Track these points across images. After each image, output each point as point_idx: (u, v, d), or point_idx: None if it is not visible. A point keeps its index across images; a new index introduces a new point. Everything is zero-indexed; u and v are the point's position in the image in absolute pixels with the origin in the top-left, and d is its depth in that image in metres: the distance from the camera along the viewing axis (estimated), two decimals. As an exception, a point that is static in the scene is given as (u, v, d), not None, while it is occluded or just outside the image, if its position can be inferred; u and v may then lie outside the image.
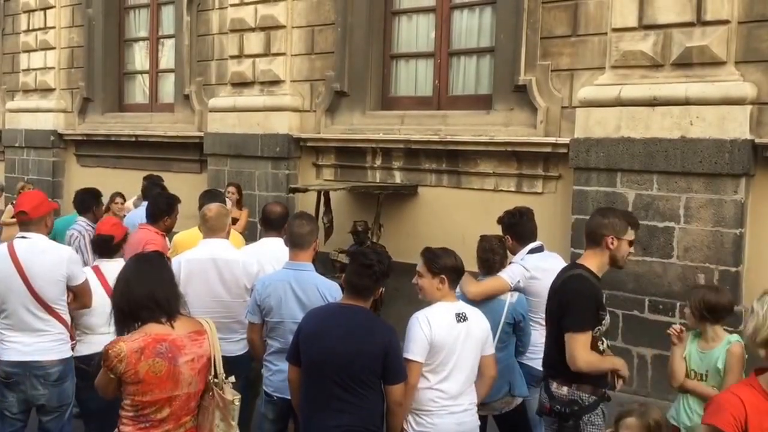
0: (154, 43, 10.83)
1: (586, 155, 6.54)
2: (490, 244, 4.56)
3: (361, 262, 3.61)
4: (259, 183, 8.93)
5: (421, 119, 7.86)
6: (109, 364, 3.04)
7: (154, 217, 5.84)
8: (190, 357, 3.15)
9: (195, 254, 4.68)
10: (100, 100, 11.25)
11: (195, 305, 4.53)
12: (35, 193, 5.13)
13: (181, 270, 4.55)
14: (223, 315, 4.56)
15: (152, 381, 3.06)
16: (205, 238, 4.73)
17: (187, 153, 9.98)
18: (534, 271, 4.55)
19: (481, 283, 4.47)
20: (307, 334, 3.63)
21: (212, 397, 3.25)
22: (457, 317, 3.75)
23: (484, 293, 4.36)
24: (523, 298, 4.48)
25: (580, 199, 6.62)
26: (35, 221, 4.52)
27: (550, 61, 6.98)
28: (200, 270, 4.59)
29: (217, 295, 4.59)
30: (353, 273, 3.61)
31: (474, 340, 3.76)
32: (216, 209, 4.79)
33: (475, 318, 3.82)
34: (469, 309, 3.86)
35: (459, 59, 7.96)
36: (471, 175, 7.50)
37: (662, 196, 6.23)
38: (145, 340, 3.08)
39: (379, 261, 3.62)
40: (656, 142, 6.18)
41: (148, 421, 3.11)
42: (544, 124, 7.00)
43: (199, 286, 4.58)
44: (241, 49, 9.11)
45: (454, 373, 3.71)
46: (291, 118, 8.71)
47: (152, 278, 3.23)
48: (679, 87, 6.10)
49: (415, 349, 3.61)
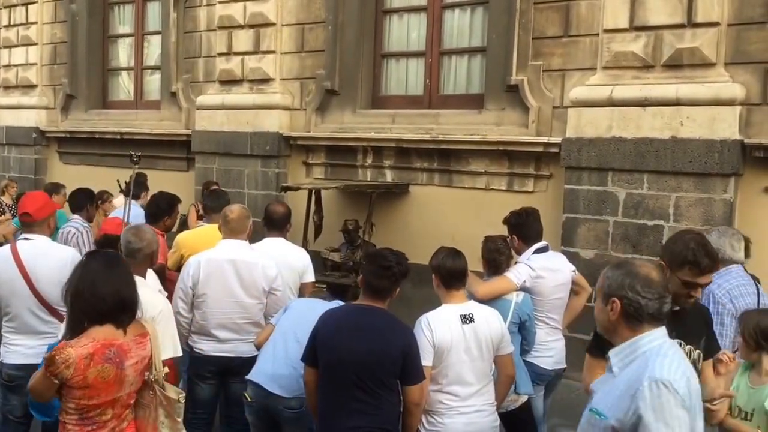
0: (139, 39, 10.73)
1: (577, 154, 6.61)
2: (495, 244, 4.60)
3: (380, 264, 3.62)
4: (249, 181, 8.90)
5: (413, 118, 7.88)
6: (54, 370, 2.96)
7: (155, 216, 5.82)
8: (135, 360, 3.13)
9: (215, 254, 4.68)
10: (84, 97, 11.12)
11: (212, 306, 4.61)
12: (38, 194, 5.10)
13: (200, 270, 4.59)
14: (240, 316, 4.61)
15: (100, 386, 3.03)
16: (225, 239, 4.73)
17: (174, 151, 9.91)
18: (540, 271, 4.61)
19: (488, 283, 4.51)
20: (324, 335, 3.61)
21: (153, 395, 3.25)
22: (463, 319, 3.77)
23: (491, 293, 4.40)
24: (529, 297, 4.53)
25: (571, 198, 6.69)
26: (38, 223, 4.51)
27: (542, 62, 7.04)
28: (219, 270, 4.59)
29: (235, 296, 4.60)
30: (372, 274, 3.61)
31: (483, 341, 3.78)
32: (238, 211, 4.78)
33: (485, 318, 3.85)
34: (478, 309, 3.88)
35: (450, 58, 7.99)
36: (462, 174, 7.55)
37: (652, 195, 6.31)
38: (94, 345, 3.00)
39: (398, 262, 3.63)
40: (647, 141, 6.26)
41: (94, 423, 3.09)
42: (535, 123, 7.05)
43: (218, 287, 4.59)
44: (229, 46, 9.07)
45: (463, 375, 3.75)
46: (281, 116, 8.69)
47: (119, 279, 3.14)
48: (669, 88, 6.18)
49: (420, 353, 3.63)
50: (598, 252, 6.55)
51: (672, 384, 2.34)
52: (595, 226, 6.57)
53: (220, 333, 4.62)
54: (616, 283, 2.55)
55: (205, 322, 4.62)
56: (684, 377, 2.39)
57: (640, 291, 2.50)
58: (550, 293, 4.67)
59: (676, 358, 2.45)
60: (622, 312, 2.51)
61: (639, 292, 2.50)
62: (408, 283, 7.06)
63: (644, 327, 2.51)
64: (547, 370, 4.73)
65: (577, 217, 6.67)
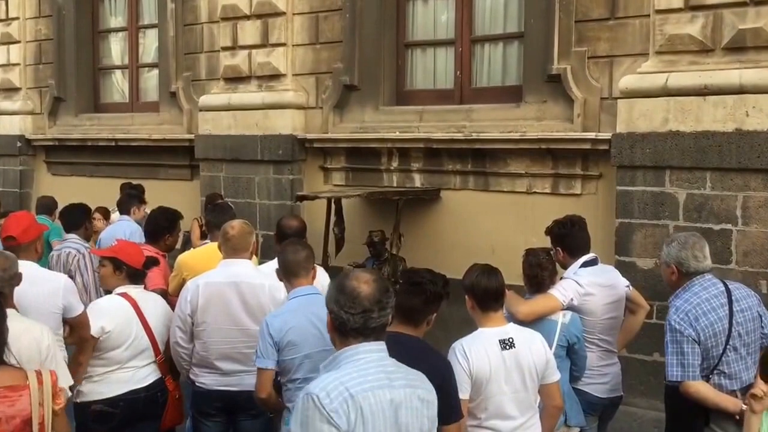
0: (133, 34, 10.93)
1: (630, 152, 6.69)
2: (538, 258, 4.65)
3: (412, 280, 3.67)
4: (260, 190, 9.06)
5: (443, 115, 7.99)
6: None
7: (154, 235, 5.95)
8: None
9: (215, 277, 4.69)
10: (73, 99, 11.32)
11: (214, 334, 4.63)
12: (23, 215, 5.18)
13: (199, 295, 4.61)
14: (246, 345, 4.59)
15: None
16: (226, 259, 4.76)
17: (176, 158, 10.10)
18: (589, 287, 4.66)
19: (530, 302, 4.58)
20: None
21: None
22: (502, 344, 3.83)
23: (534, 313, 4.48)
24: (577, 317, 4.59)
25: (625, 200, 6.77)
26: (24, 247, 4.58)
27: (587, 47, 7.13)
28: (221, 295, 4.62)
29: (240, 323, 4.61)
30: (401, 293, 3.62)
31: (525, 369, 3.85)
32: (239, 227, 4.82)
33: (526, 343, 3.91)
34: (518, 333, 3.94)
35: (483, 47, 8.10)
36: (500, 176, 7.64)
37: (716, 196, 6.37)
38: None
39: (432, 281, 3.66)
40: (708, 135, 6.32)
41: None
42: (581, 117, 7.14)
43: (219, 313, 4.61)
44: (234, 39, 9.23)
45: (504, 407, 3.80)
46: (294, 116, 8.84)
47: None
48: (732, 74, 6.23)
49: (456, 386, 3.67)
50: (658, 261, 6.58)
51: (319, 398, 2.64)
52: (653, 231, 6.64)
53: (223, 365, 4.64)
54: (328, 296, 2.92)
55: (206, 353, 4.63)
56: (342, 392, 2.66)
57: (343, 306, 2.83)
58: (601, 312, 4.72)
59: (345, 373, 2.73)
60: (332, 325, 2.89)
61: (342, 307, 2.83)
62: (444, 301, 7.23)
63: (349, 340, 2.84)
64: (601, 399, 4.78)
65: (631, 222, 6.74)
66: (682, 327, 4.11)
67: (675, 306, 4.22)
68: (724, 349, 4.13)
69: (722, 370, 4.16)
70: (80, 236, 6.69)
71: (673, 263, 4.28)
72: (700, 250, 4.29)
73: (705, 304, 4.16)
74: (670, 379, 4.15)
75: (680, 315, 4.16)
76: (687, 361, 4.09)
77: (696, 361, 4.09)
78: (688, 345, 4.09)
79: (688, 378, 4.08)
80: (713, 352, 4.13)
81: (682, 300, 4.22)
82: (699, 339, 4.09)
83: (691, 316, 4.13)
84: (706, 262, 4.32)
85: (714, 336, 4.12)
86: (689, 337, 4.09)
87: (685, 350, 4.09)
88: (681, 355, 4.10)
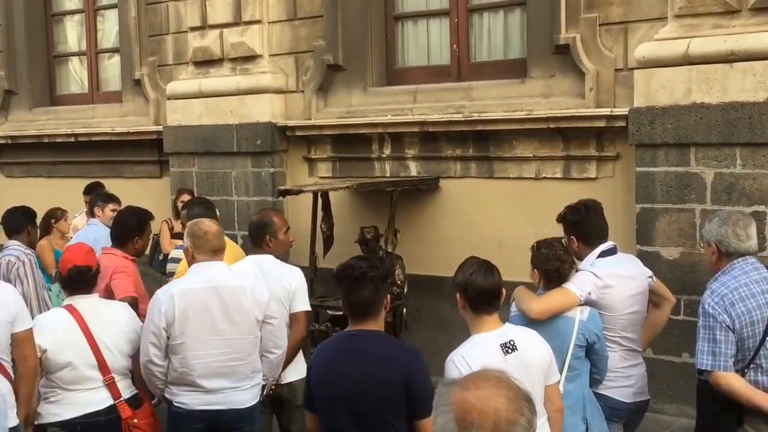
0: (90, 16, 10.92)
1: (650, 128, 6.65)
2: (554, 250, 4.58)
3: (352, 275, 3.70)
4: (237, 186, 9.04)
5: (439, 94, 7.97)
6: None
7: (121, 237, 5.92)
8: None
9: (190, 283, 4.69)
10: (26, 92, 11.33)
11: (194, 348, 4.60)
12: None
13: (174, 305, 4.57)
14: (231, 357, 4.62)
15: None
16: (200, 262, 4.73)
17: (143, 153, 10.10)
18: (608, 279, 4.63)
19: (544, 299, 4.54)
20: (315, 371, 3.80)
21: None
22: (504, 348, 3.83)
23: (549, 310, 4.43)
24: (596, 313, 4.55)
25: (646, 183, 6.73)
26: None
27: (598, 13, 7.10)
28: (200, 303, 4.60)
29: (222, 333, 4.62)
30: (347, 291, 3.71)
31: (532, 371, 3.85)
32: (213, 224, 4.85)
33: (527, 344, 3.92)
34: (517, 334, 3.95)
35: (482, 16, 8.08)
36: (505, 161, 7.62)
37: (748, 174, 6.33)
38: None
39: (371, 266, 3.74)
40: (737, 107, 6.28)
41: None
42: (594, 92, 7.11)
43: (199, 324, 4.59)
44: (203, 18, 9.21)
45: None
46: (273, 101, 8.82)
47: None
48: (761, 37, 6.19)
49: None
50: (684, 250, 6.56)
51: None
52: (678, 217, 6.60)
53: (206, 382, 4.63)
54: None
55: (186, 368, 4.61)
56: None
57: None
58: (622, 306, 4.69)
59: None
60: None
61: None
62: (446, 302, 7.21)
63: None
64: (625, 404, 4.74)
65: (654, 207, 6.70)
66: (716, 312, 4.10)
67: (711, 289, 4.21)
68: (762, 340, 4.11)
69: (759, 364, 4.14)
70: (22, 242, 6.70)
71: (713, 241, 4.29)
72: (744, 229, 4.27)
73: (743, 289, 4.13)
74: (699, 368, 4.14)
75: (715, 299, 4.14)
76: (719, 349, 4.07)
77: (729, 351, 4.07)
78: (722, 332, 4.07)
79: (719, 368, 4.06)
80: (749, 343, 4.10)
81: (719, 283, 4.21)
82: (734, 327, 4.07)
83: (726, 300, 4.11)
84: (750, 242, 4.30)
85: (751, 325, 4.09)
86: (723, 323, 4.07)
87: (718, 337, 4.07)
88: (713, 343, 4.08)
